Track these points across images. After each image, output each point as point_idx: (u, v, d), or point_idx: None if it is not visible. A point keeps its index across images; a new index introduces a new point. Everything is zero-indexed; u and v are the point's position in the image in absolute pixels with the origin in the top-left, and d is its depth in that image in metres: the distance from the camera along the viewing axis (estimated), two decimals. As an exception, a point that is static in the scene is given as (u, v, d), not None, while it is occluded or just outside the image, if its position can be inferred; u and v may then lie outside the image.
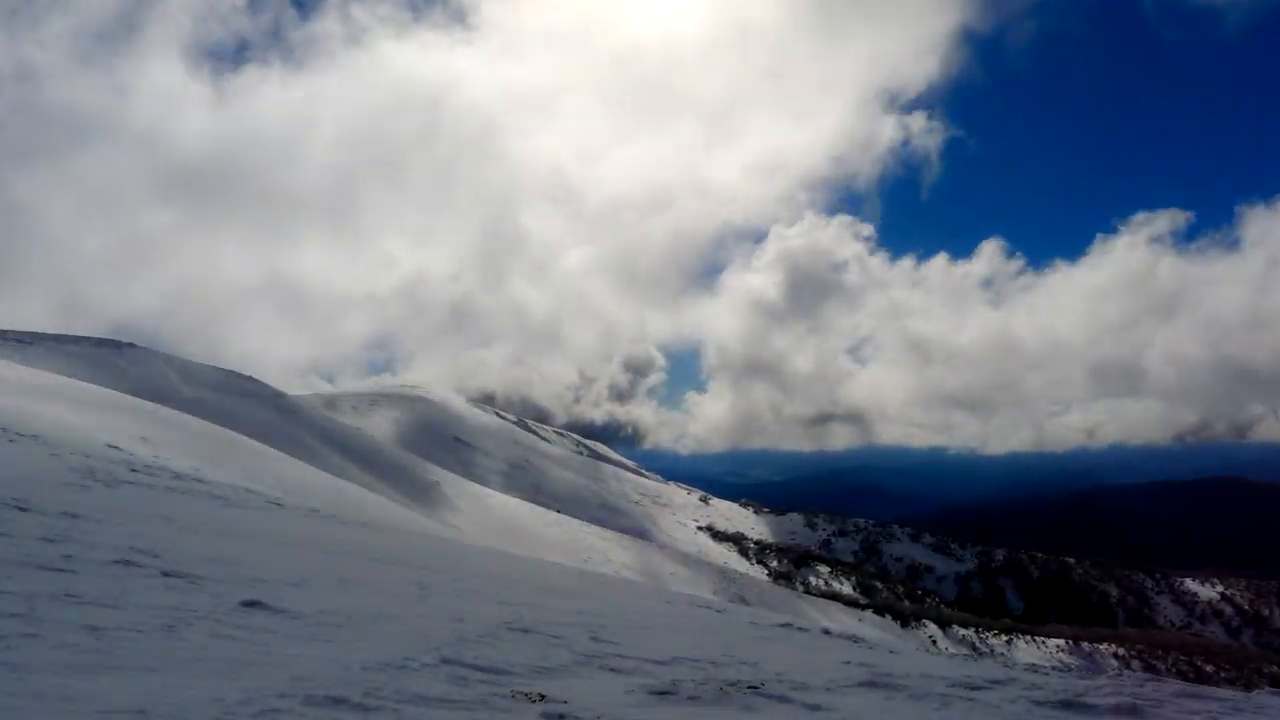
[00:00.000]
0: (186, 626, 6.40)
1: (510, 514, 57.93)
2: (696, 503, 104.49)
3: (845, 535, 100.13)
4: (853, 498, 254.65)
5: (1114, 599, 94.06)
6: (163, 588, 7.80)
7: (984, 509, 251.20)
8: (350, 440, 60.21)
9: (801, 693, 6.81)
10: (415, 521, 32.02)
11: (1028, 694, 7.26)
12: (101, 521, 11.04)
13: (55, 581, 7.13)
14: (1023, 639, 64.33)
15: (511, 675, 6.41)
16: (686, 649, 8.90)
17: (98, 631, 5.76)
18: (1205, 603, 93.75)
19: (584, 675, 6.91)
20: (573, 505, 76.40)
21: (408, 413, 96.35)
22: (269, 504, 19.75)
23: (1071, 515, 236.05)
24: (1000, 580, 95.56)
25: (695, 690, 6.49)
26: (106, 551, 8.91)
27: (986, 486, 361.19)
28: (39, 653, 5.05)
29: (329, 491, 29.42)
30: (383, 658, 6.31)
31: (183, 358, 68.17)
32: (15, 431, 18.49)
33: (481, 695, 5.65)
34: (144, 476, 17.73)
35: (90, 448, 19.30)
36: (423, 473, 59.31)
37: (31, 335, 58.51)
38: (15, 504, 10.58)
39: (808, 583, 78.71)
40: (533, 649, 7.71)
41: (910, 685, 7.42)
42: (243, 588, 8.34)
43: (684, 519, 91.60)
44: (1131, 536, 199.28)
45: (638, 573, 50.33)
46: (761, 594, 58.24)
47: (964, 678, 7.98)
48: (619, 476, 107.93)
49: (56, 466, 15.71)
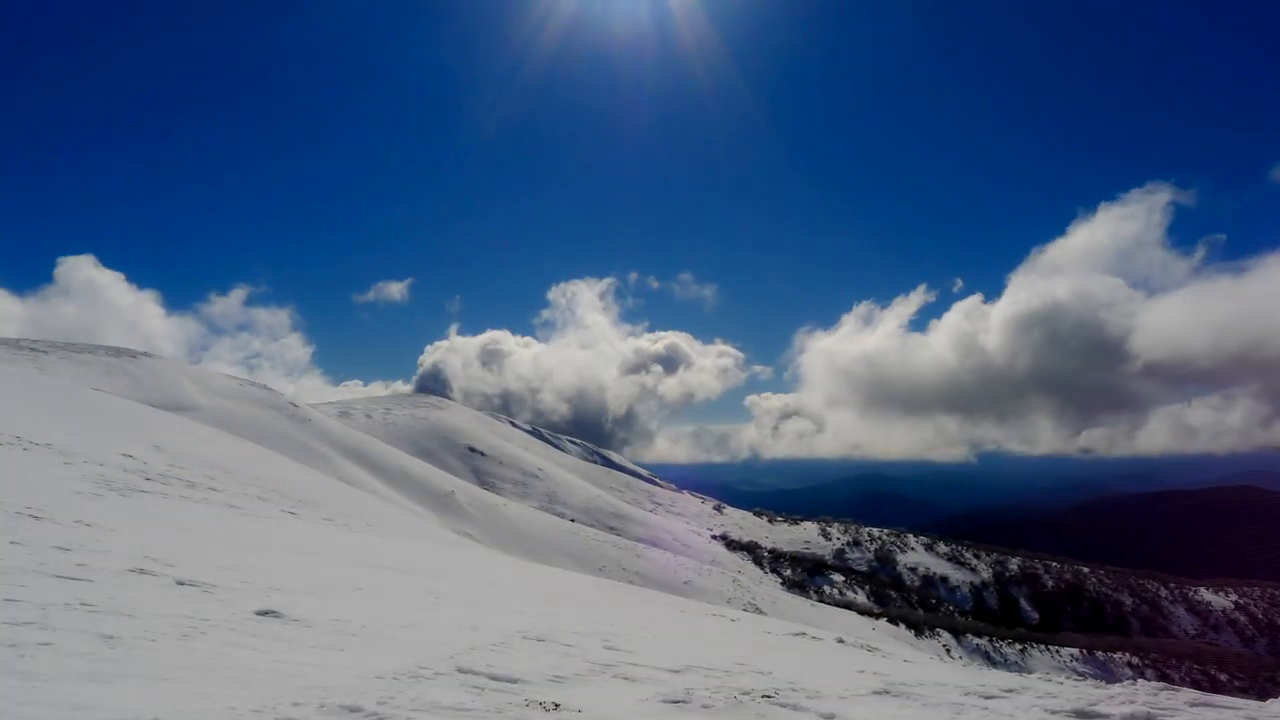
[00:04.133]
0: (200, 635, 6.41)
1: (524, 523, 57.92)
2: (710, 511, 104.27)
3: (859, 545, 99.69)
4: (867, 507, 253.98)
5: (1128, 608, 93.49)
6: (177, 596, 7.81)
7: (999, 518, 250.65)
8: (364, 449, 60.29)
9: (815, 701, 6.80)
10: (429, 530, 32.04)
11: (1041, 703, 7.23)
12: (115, 530, 11.07)
13: (69, 590, 7.15)
14: (1037, 648, 64.08)
15: (526, 684, 6.41)
16: (700, 657, 8.89)
17: (112, 640, 5.76)
18: (1219, 611, 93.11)
19: (598, 684, 6.91)
20: (586, 514, 76.31)
21: (422, 422, 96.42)
22: (283, 513, 19.80)
23: (1085, 524, 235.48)
24: (1014, 590, 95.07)
25: (709, 699, 6.48)
26: (120, 560, 8.93)
27: (1001, 495, 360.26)
28: (53, 661, 5.06)
29: (343, 500, 29.44)
30: (397, 666, 6.31)
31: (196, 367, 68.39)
32: (29, 440, 18.56)
33: (496, 704, 5.65)
34: (158, 485, 17.78)
35: (104, 456, 19.36)
36: (437, 482, 59.36)
37: (47, 344, 58.75)
38: (29, 512, 10.63)
39: (822, 591, 78.45)
40: (547, 657, 7.71)
41: (924, 694, 7.40)
42: (257, 596, 8.36)
43: (698, 527, 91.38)
44: (1145, 545, 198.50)
45: (651, 581, 50.27)
46: (775, 603, 58.09)
47: (978, 687, 7.95)
48: (632, 485, 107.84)
49: (70, 475, 15.77)
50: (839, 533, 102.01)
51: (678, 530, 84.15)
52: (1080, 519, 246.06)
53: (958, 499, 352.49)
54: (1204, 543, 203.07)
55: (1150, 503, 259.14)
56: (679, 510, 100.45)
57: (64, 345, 60.17)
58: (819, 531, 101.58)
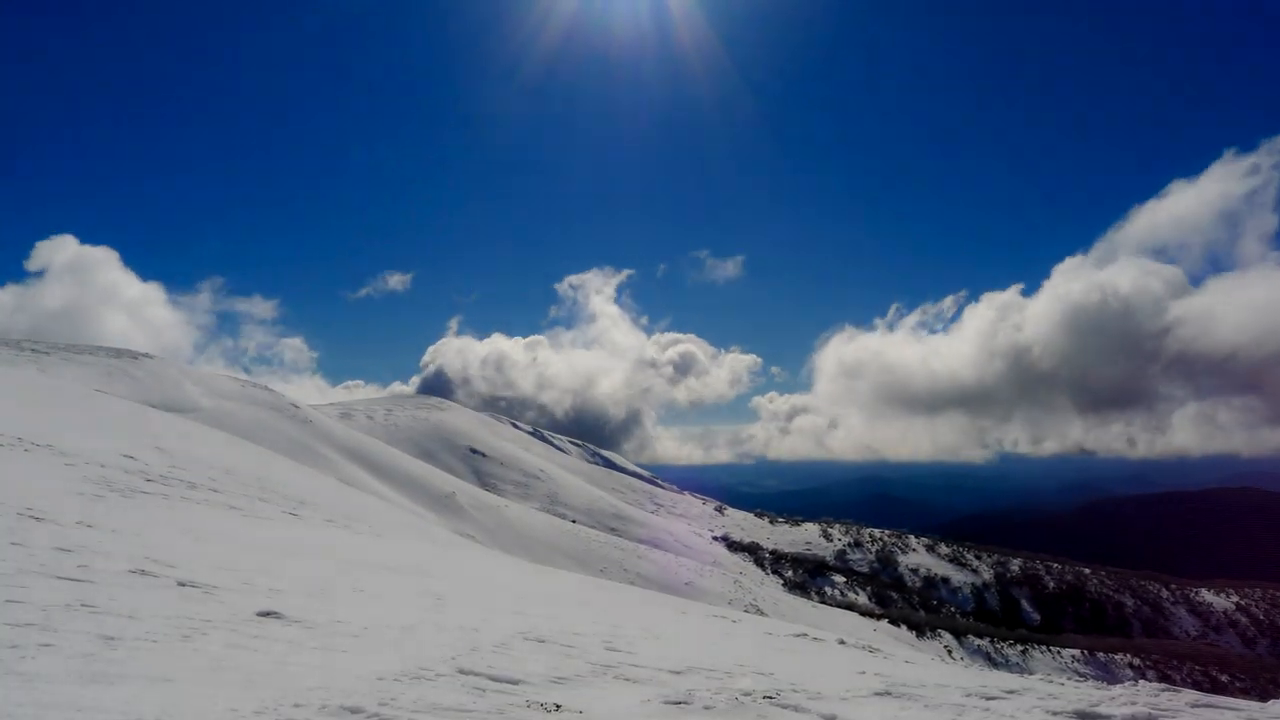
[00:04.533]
0: (202, 636, 6.42)
1: (525, 524, 57.91)
2: (712, 512, 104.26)
3: (860, 546, 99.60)
4: (870, 509, 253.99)
5: (1129, 609, 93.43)
6: (178, 598, 7.82)
7: (999, 519, 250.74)
8: (365, 450, 60.29)
9: (817, 702, 6.80)
10: (431, 531, 32.04)
11: (1043, 704, 7.24)
12: (117, 531, 11.07)
13: (71, 591, 7.15)
14: (1038, 649, 64.04)
15: (527, 685, 6.42)
16: (702, 659, 8.89)
17: (113, 641, 5.77)
18: (1221, 613, 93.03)
19: (599, 685, 6.91)
20: (588, 515, 76.32)
21: (423, 423, 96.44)
22: (284, 514, 19.80)
23: (1087, 525, 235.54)
24: (1016, 591, 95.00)
25: (710, 700, 6.48)
26: (122, 561, 8.93)
27: (1003, 497, 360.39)
28: (55, 662, 5.06)
29: (344, 501, 29.44)
30: (398, 667, 6.32)
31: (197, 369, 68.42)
32: (31, 441, 18.57)
33: (497, 705, 5.65)
34: (159, 486, 17.78)
35: (106, 458, 19.36)
36: (439, 483, 59.35)
37: (48, 345, 58.78)
38: (30, 514, 10.63)
39: (823, 593, 78.43)
40: (548, 659, 7.72)
41: (925, 695, 7.41)
42: (258, 598, 8.37)
43: (699, 529, 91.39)
44: (1147, 546, 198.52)
45: (652, 582, 50.27)
46: (777, 604, 58.06)
47: (979, 688, 7.95)
48: (634, 486, 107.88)
49: (72, 476, 15.77)
50: (840, 534, 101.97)
51: (679, 531, 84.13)
52: (1082, 520, 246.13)
53: (963, 501, 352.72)
54: (1205, 544, 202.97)
55: (1152, 504, 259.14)
56: (680, 511, 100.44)
57: (65, 347, 60.20)
58: (820, 533, 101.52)
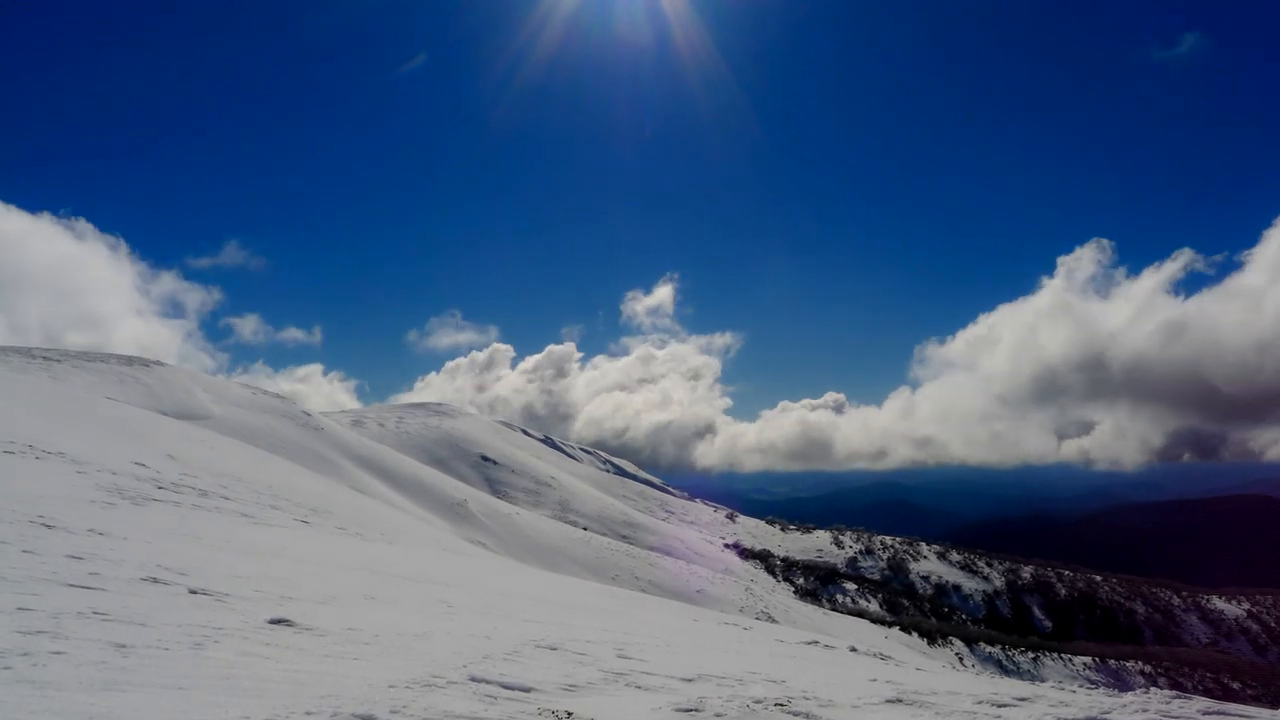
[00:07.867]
0: (214, 644, 6.41)
1: (537, 531, 57.93)
2: (723, 520, 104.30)
3: (872, 553, 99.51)
4: (882, 516, 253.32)
5: (1141, 616, 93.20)
6: (190, 605, 7.82)
7: (1011, 527, 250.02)
8: (377, 458, 60.34)
9: (828, 710, 6.78)
10: (442, 539, 32.05)
11: (1054, 711, 7.21)
12: (128, 539, 11.10)
13: (82, 599, 7.17)
14: (1049, 656, 63.91)
15: (538, 693, 6.41)
16: (713, 666, 8.88)
17: (125, 649, 5.77)
18: (1232, 620, 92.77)
19: (610, 692, 6.90)
20: (599, 523, 76.34)
21: (435, 431, 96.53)
22: (296, 521, 19.83)
23: (1098, 533, 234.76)
24: (1027, 598, 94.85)
25: (721, 708, 6.47)
26: (133, 569, 8.95)
27: (1013, 504, 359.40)
28: (66, 670, 5.07)
29: (356, 509, 29.47)
30: (410, 675, 6.31)
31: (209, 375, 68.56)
32: (42, 449, 18.62)
33: (509, 713, 5.65)
34: (171, 494, 17.82)
35: (117, 465, 19.41)
36: (450, 490, 59.39)
37: (60, 353, 58.99)
38: (42, 521, 10.66)
39: (834, 600, 78.37)
40: (559, 666, 7.71)
41: (936, 703, 7.38)
42: (270, 605, 8.37)
43: (711, 536, 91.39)
44: (1158, 554, 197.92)
45: (664, 590, 50.23)
46: (788, 611, 57.98)
47: (991, 695, 7.92)
48: (645, 494, 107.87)
49: (83, 484, 15.82)
50: (851, 541, 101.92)
51: (690, 539, 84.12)
52: (1094, 528, 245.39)
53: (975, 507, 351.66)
54: (1217, 551, 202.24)
55: (1164, 511, 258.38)
56: (691, 519, 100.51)
57: (76, 354, 60.39)
58: (831, 540, 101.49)
